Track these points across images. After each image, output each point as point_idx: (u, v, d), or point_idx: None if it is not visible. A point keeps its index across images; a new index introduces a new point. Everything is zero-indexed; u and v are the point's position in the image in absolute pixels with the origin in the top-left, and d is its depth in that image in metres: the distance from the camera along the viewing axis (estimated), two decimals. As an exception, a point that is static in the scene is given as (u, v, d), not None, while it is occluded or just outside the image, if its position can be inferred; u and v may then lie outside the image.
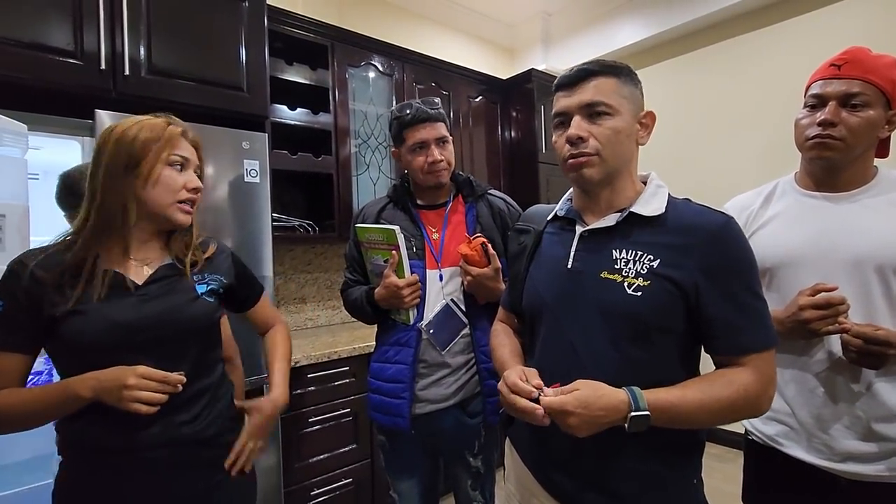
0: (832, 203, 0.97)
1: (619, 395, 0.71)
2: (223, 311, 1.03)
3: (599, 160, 0.80)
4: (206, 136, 1.60)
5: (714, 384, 0.74)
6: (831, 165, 0.96)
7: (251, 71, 1.77)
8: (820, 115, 0.93)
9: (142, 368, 0.81)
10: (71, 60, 1.43)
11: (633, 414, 0.70)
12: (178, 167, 0.90)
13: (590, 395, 0.71)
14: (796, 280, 0.95)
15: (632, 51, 3.14)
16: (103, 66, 1.47)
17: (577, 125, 0.80)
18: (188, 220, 0.93)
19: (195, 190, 0.93)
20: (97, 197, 0.85)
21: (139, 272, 0.90)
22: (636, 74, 0.84)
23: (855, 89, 0.91)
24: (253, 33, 1.78)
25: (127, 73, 1.51)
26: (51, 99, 1.47)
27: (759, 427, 1.05)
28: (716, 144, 2.82)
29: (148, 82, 1.56)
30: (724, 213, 0.80)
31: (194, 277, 0.95)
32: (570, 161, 0.81)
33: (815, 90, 0.96)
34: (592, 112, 0.80)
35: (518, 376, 0.77)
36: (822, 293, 0.89)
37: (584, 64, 0.82)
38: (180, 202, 0.90)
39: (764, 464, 1.05)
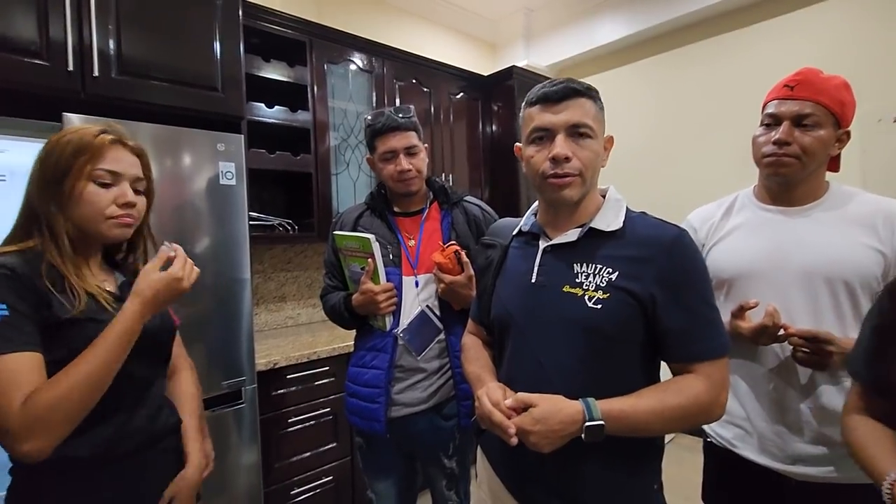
0: (786, 217, 1.02)
1: (575, 406, 0.74)
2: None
3: (580, 181, 0.82)
4: (179, 138, 1.60)
5: (667, 392, 0.77)
6: (786, 181, 1.00)
7: (226, 69, 1.73)
8: (775, 135, 0.97)
9: (154, 263, 0.87)
10: (36, 61, 1.39)
11: (587, 424, 0.73)
12: (105, 183, 0.85)
13: (547, 409, 0.74)
14: (752, 292, 1.00)
15: (613, 48, 3.17)
16: (71, 67, 1.43)
17: (563, 144, 0.80)
18: (125, 235, 0.90)
19: (127, 205, 0.87)
20: (25, 210, 0.85)
21: (112, 283, 0.92)
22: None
23: (807, 110, 0.95)
24: (227, 29, 1.74)
25: (96, 73, 1.47)
26: (16, 100, 1.43)
27: (716, 430, 1.10)
28: (696, 142, 2.86)
29: (118, 83, 1.52)
30: (677, 226, 0.83)
31: None
32: (553, 180, 0.82)
33: (770, 109, 1.00)
34: (576, 132, 0.81)
35: (502, 396, 0.79)
36: (757, 323, 0.93)
37: (566, 82, 0.82)
38: (111, 218, 0.86)
39: (721, 465, 1.10)
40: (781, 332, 0.93)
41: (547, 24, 3.41)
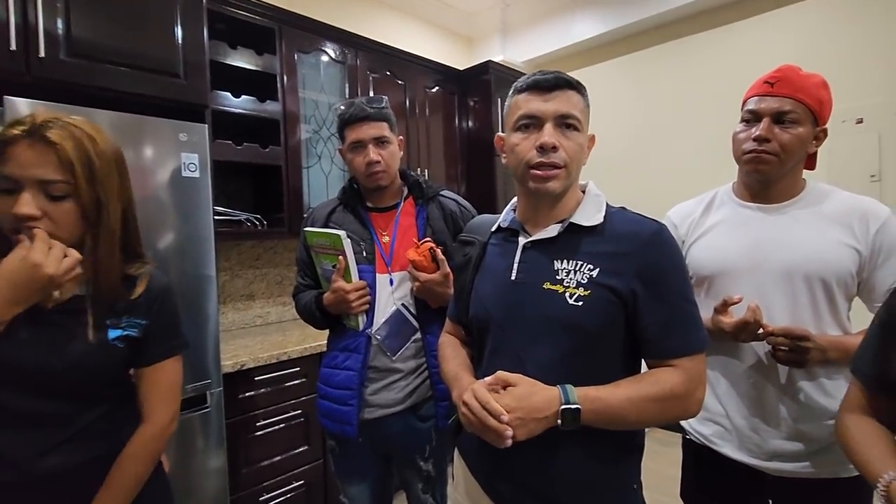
0: (765, 214, 1.02)
1: (552, 390, 0.73)
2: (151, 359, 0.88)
3: (565, 173, 0.81)
4: (138, 127, 1.50)
5: (642, 382, 0.76)
6: (765, 178, 1.00)
7: (188, 54, 1.63)
8: (755, 131, 0.97)
9: (15, 252, 0.72)
10: (-27, 39, 1.28)
11: (563, 407, 0.71)
12: (6, 189, 0.72)
13: (526, 390, 0.73)
14: (732, 289, 0.99)
15: (590, 45, 3.17)
16: (14, 47, 1.32)
17: (552, 133, 0.79)
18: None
19: (17, 218, 0.72)
20: None
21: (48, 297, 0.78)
22: None
23: (787, 107, 0.95)
24: (190, 13, 1.64)
25: (42, 54, 1.36)
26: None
27: (696, 427, 1.10)
28: (673, 139, 2.88)
29: (67, 66, 1.41)
30: (656, 221, 0.82)
31: (108, 321, 0.81)
32: (537, 171, 0.80)
33: (750, 106, 1.00)
34: (564, 123, 0.80)
35: (489, 395, 0.74)
36: (739, 319, 0.93)
37: (557, 73, 0.82)
38: (15, 234, 0.73)
39: (700, 462, 1.10)
40: (761, 330, 0.92)
41: (523, 20, 3.39)
